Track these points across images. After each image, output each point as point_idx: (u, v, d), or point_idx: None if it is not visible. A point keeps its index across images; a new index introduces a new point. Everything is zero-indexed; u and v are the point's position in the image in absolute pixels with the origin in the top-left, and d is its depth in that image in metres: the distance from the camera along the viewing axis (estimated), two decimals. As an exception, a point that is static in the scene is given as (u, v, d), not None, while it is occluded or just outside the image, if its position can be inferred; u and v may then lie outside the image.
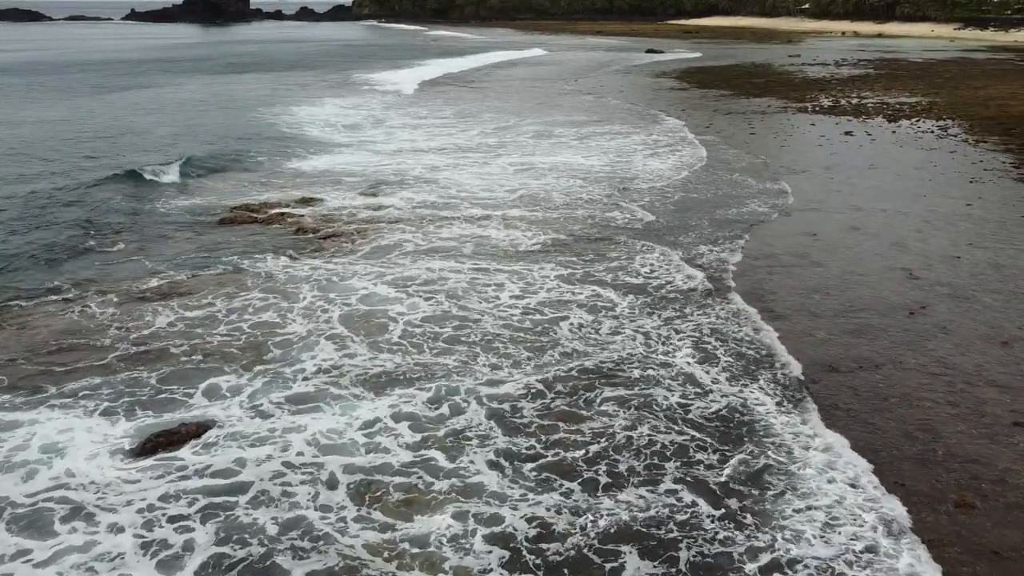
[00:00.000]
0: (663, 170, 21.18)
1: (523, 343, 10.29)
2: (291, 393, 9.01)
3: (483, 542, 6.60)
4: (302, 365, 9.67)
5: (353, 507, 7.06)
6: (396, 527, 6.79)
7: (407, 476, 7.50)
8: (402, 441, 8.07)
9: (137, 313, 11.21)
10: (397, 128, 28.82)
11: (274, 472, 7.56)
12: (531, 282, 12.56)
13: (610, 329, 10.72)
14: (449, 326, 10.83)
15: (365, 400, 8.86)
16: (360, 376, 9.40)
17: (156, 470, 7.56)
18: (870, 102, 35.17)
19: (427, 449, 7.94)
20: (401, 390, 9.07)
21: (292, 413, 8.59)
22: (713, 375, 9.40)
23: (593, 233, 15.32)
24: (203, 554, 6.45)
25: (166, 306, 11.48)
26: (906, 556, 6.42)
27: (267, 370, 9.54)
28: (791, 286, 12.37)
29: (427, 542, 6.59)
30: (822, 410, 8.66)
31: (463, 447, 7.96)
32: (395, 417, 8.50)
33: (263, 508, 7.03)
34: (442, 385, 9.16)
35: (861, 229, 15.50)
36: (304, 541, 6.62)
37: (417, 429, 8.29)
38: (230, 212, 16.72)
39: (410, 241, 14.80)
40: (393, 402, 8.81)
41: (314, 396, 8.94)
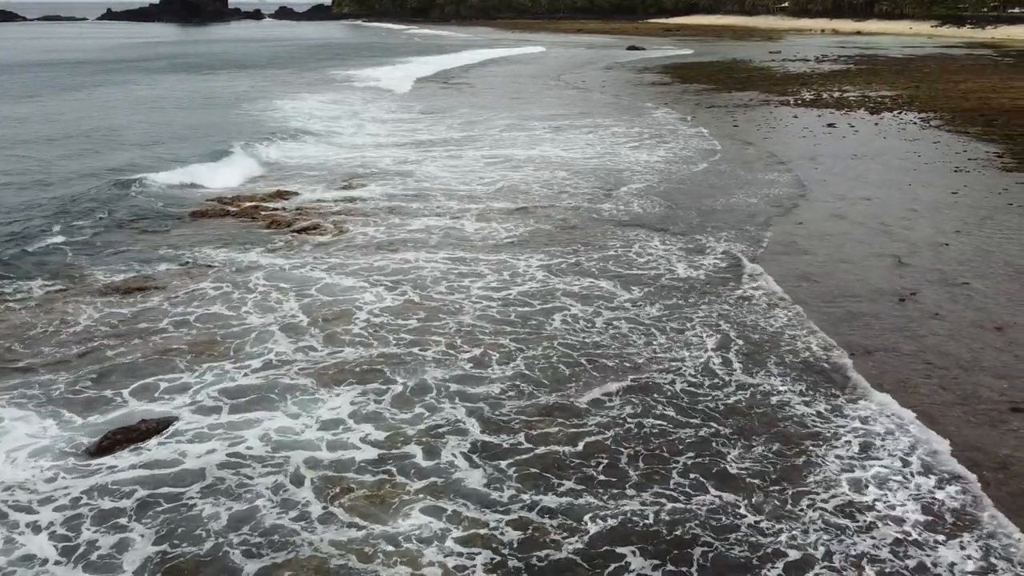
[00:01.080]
0: (651, 161, 20.87)
1: (509, 334, 9.89)
2: (255, 387, 8.55)
3: (460, 543, 6.18)
4: (267, 359, 9.21)
5: (319, 505, 6.62)
6: (364, 526, 6.37)
7: (374, 474, 7.08)
8: (371, 437, 7.65)
9: (99, 308, 10.70)
10: (378, 122, 28.32)
11: (234, 469, 7.10)
12: (518, 273, 12.18)
13: (605, 320, 10.34)
14: (421, 317, 10.41)
15: (333, 394, 8.41)
16: (328, 369, 8.96)
17: (113, 469, 7.08)
18: (851, 95, 35.10)
19: (403, 445, 7.53)
20: (373, 384, 8.65)
21: (255, 408, 8.13)
22: (705, 361, 9.07)
23: (582, 222, 14.96)
24: (148, 554, 6.00)
25: (129, 301, 10.98)
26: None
27: (231, 365, 9.07)
28: (779, 274, 12.05)
29: (398, 541, 6.17)
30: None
31: (439, 442, 7.55)
32: (362, 411, 8.08)
33: (224, 505, 6.58)
34: (416, 376, 8.75)
35: (847, 218, 15.24)
36: (267, 540, 6.18)
37: (384, 426, 7.86)
38: (202, 205, 16.21)
39: (384, 233, 14.36)
40: (364, 395, 8.38)
41: (281, 390, 8.48)
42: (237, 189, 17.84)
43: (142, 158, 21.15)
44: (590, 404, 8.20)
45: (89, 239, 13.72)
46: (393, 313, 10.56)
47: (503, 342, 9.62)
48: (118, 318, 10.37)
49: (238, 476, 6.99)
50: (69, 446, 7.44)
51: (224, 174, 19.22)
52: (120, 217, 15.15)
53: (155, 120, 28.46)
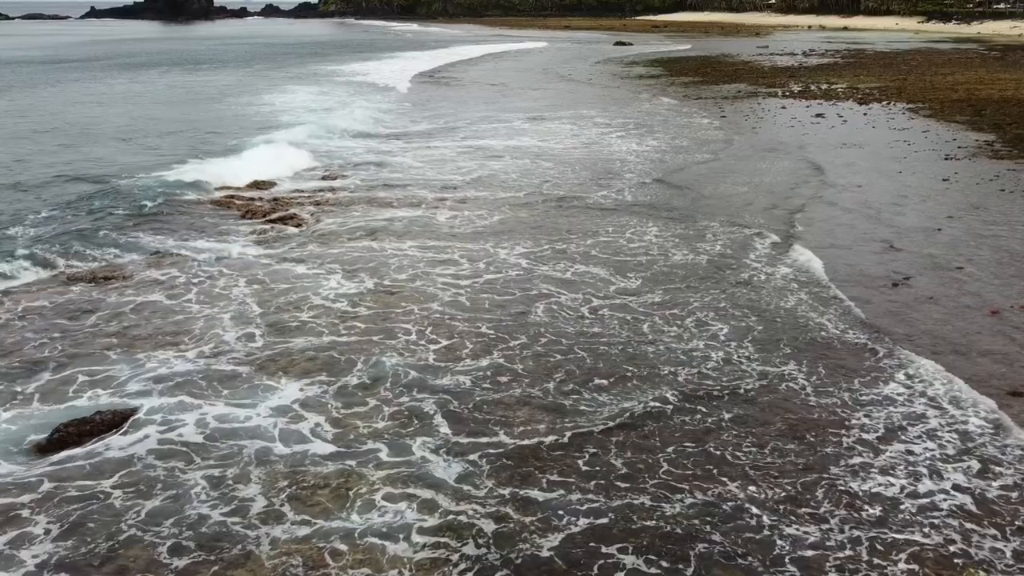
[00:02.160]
0: (641, 151, 20.51)
1: (487, 322, 9.49)
2: (216, 378, 8.11)
3: (425, 534, 5.78)
4: (229, 348, 8.77)
5: (268, 500, 6.20)
6: (319, 521, 5.95)
7: (336, 465, 6.66)
8: (328, 430, 7.23)
9: (58, 298, 10.23)
10: (368, 116, 27.83)
11: (184, 460, 6.68)
12: (501, 258, 11.77)
13: (594, 307, 9.94)
14: (389, 306, 9.99)
15: (293, 383, 7.99)
16: (285, 359, 8.53)
17: (64, 469, 6.63)
18: (839, 87, 34.87)
19: (362, 438, 7.11)
20: (335, 374, 8.23)
21: (216, 399, 7.70)
22: (696, 348, 8.69)
23: (571, 210, 14.57)
24: (104, 556, 5.57)
25: (90, 290, 10.52)
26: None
27: (194, 354, 8.63)
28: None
29: (356, 537, 5.76)
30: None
31: (405, 433, 7.14)
32: (323, 400, 7.66)
33: (161, 500, 6.15)
34: (380, 365, 8.33)
35: (837, 204, 14.91)
36: (209, 538, 5.76)
37: (350, 415, 7.45)
38: (177, 196, 15.70)
39: (362, 222, 13.92)
40: (326, 385, 7.96)
41: (236, 380, 8.05)
42: (216, 179, 17.34)
43: (121, 153, 20.62)
44: (577, 397, 7.82)
45: (57, 231, 13.22)
46: (358, 301, 10.13)
47: (484, 330, 9.23)
48: (79, 307, 9.91)
49: (187, 470, 6.56)
50: (14, 442, 6.99)
51: (204, 167, 18.71)
52: (95, 208, 14.61)
53: (141, 113, 27.89)
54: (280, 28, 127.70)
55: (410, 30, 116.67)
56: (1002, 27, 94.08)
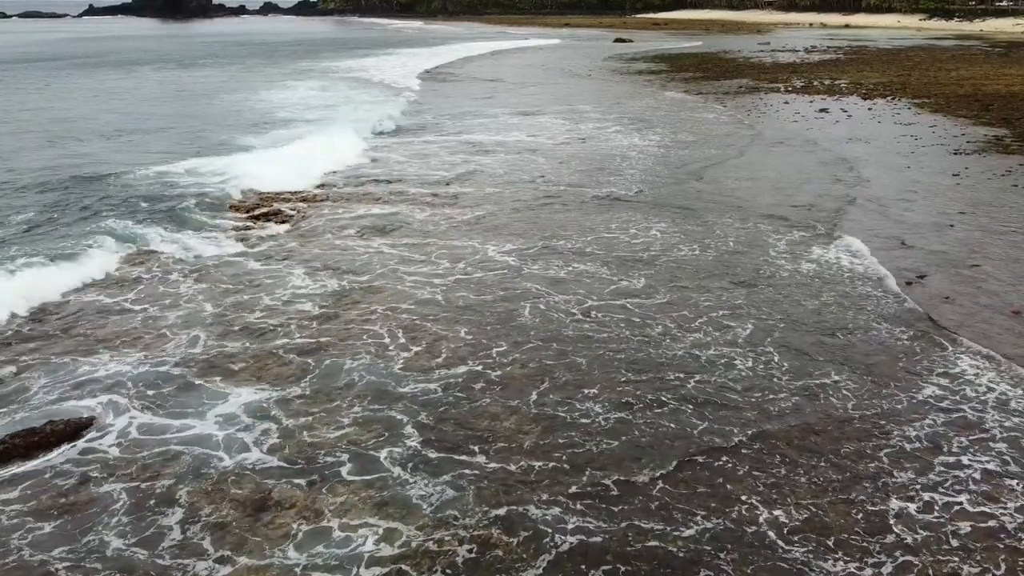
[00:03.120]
0: (643, 145, 19.92)
1: (468, 324, 8.91)
2: (169, 384, 7.52)
3: (385, 565, 5.20)
4: (192, 351, 8.18)
5: (192, 526, 5.63)
6: (248, 559, 5.37)
7: (296, 481, 6.08)
8: (282, 440, 6.65)
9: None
10: (369, 112, 27.24)
11: (114, 476, 6.10)
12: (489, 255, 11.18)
13: (590, 307, 9.36)
14: (363, 307, 9.41)
15: (247, 389, 7.40)
16: (250, 362, 7.95)
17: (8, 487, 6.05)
18: (843, 83, 34.25)
19: (325, 451, 6.53)
20: (295, 381, 7.65)
21: (173, 409, 7.12)
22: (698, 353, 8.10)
23: (568, 204, 13.99)
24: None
25: (59, 289, 9.94)
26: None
27: (157, 357, 8.05)
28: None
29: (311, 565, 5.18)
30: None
31: (369, 446, 6.56)
32: (278, 409, 7.07)
33: (80, 529, 5.58)
34: (347, 371, 7.74)
35: (844, 199, 14.32)
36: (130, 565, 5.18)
37: (304, 426, 6.87)
38: (162, 189, 15.11)
39: (351, 220, 13.34)
40: (282, 392, 7.38)
41: (193, 387, 7.47)
42: (205, 177, 16.75)
43: (108, 150, 20.04)
44: (559, 407, 7.24)
45: (35, 220, 12.64)
46: (333, 302, 9.54)
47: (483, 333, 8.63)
48: (43, 308, 9.33)
49: (105, 486, 5.98)
50: (-42, 453, 6.41)
51: (196, 164, 18.12)
52: (78, 204, 14.03)
53: (133, 109, 27.31)
54: (280, 26, 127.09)
55: (412, 27, 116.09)
56: (1004, 24, 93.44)
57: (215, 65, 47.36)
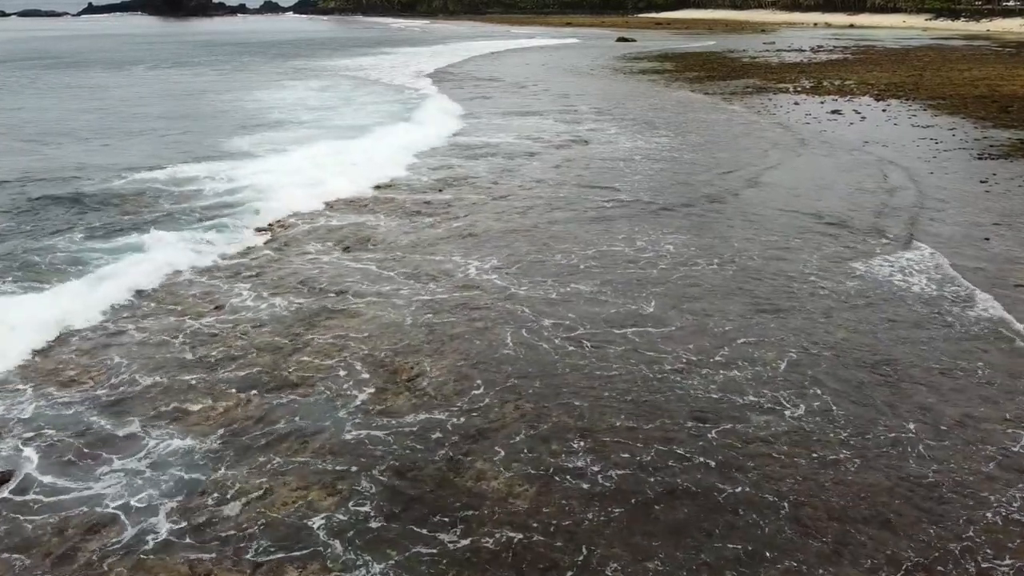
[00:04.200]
0: (648, 149, 18.87)
1: (450, 355, 7.86)
2: (90, 429, 6.49)
3: None
4: (126, 382, 7.15)
5: None
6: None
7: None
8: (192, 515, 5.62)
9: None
10: (373, 114, 26.21)
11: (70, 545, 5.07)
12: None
13: (586, 335, 8.32)
14: (326, 336, 8.37)
15: (158, 436, 6.37)
16: (163, 402, 6.92)
17: None
18: (853, 83, 33.19)
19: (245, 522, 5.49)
20: (223, 425, 6.61)
21: (80, 462, 6.08)
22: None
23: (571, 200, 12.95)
24: None
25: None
26: None
27: (85, 396, 7.02)
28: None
29: None
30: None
31: (308, 512, 5.53)
32: (208, 461, 6.04)
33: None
34: (295, 410, 6.71)
35: (872, 205, 13.27)
36: None
37: (228, 484, 5.83)
38: (154, 196, 14.10)
39: (349, 230, 12.31)
40: (204, 443, 6.34)
41: (117, 435, 6.44)
42: (197, 181, 15.74)
43: (94, 154, 19.03)
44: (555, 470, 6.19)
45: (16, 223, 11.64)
46: (289, 327, 8.51)
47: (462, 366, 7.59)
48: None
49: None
50: None
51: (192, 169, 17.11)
52: (60, 206, 13.04)
53: (107, 112, 26.29)
54: (281, 25, 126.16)
55: (415, 26, 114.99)
56: (1012, 24, 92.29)
57: (214, 64, 46.34)
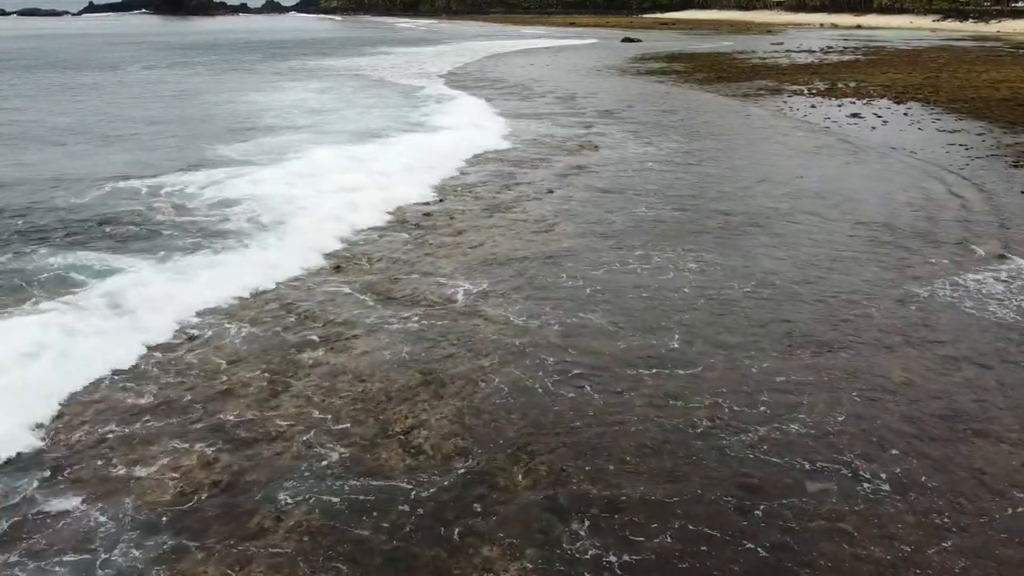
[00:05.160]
0: (660, 154, 17.83)
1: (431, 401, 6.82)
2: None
3: None
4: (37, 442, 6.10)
5: None
6: None
7: None
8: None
9: None
10: (379, 117, 25.18)
11: None
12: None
13: (596, 382, 7.27)
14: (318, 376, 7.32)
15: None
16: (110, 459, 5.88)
17: None
18: (869, 85, 32.09)
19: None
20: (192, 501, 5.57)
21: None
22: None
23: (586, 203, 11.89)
24: None
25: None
26: None
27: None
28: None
29: None
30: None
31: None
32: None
33: None
34: (262, 481, 5.66)
35: (915, 220, 12.19)
36: None
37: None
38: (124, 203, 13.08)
39: (339, 240, 11.26)
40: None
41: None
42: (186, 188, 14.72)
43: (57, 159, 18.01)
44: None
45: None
46: (281, 360, 7.47)
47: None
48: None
49: None
50: None
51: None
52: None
53: (90, 114, 25.28)
54: (283, 24, 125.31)
55: (421, 26, 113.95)
56: (1021, 26, 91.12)
57: (214, 64, 45.36)
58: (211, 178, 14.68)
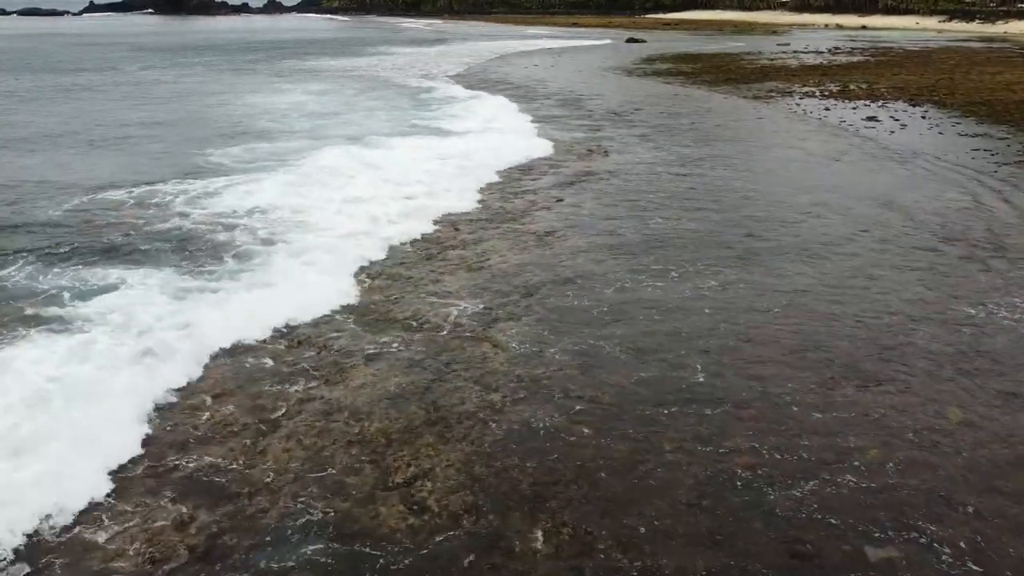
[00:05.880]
0: (677, 161, 17.10)
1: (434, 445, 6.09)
2: None
3: None
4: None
5: None
6: None
7: None
8: None
9: None
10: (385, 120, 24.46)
11: None
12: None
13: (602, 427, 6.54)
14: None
15: None
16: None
17: None
18: (881, 87, 31.35)
19: None
20: (231, 558, 4.84)
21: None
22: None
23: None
24: None
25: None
26: None
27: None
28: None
29: None
30: None
31: None
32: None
33: None
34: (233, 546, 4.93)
35: (952, 232, 11.45)
36: None
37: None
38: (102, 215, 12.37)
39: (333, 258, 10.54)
40: None
41: None
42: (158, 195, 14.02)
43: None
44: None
45: None
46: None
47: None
48: None
49: None
50: None
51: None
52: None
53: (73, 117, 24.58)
54: (286, 23, 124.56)
55: (427, 26, 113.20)
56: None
57: (215, 64, 44.67)
58: (207, 187, 13.94)
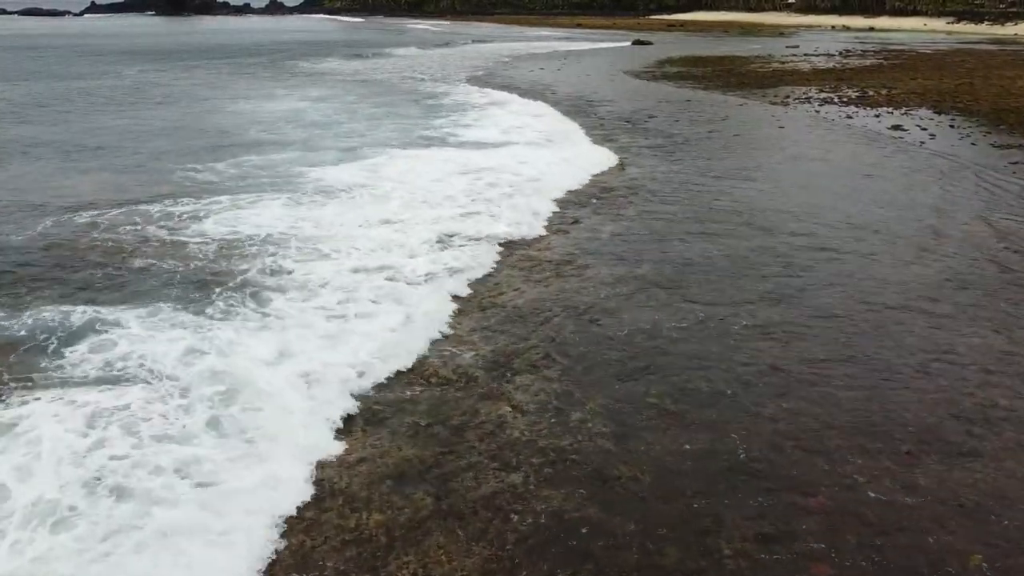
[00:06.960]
0: (690, 172, 16.06)
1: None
2: None
3: None
4: None
5: None
6: None
7: None
8: None
9: None
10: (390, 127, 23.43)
11: None
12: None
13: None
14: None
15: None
16: None
17: None
18: (900, 92, 30.28)
19: None
20: None
21: None
22: None
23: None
24: None
25: None
26: None
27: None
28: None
29: None
30: None
31: None
32: None
33: None
34: None
35: (1018, 255, 10.42)
36: None
37: None
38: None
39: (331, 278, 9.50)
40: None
41: None
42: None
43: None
44: None
45: None
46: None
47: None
48: None
49: None
50: None
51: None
52: None
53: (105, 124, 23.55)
54: (288, 23, 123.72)
55: (437, 27, 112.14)
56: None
57: (217, 66, 43.66)
58: (210, 209, 12.90)
